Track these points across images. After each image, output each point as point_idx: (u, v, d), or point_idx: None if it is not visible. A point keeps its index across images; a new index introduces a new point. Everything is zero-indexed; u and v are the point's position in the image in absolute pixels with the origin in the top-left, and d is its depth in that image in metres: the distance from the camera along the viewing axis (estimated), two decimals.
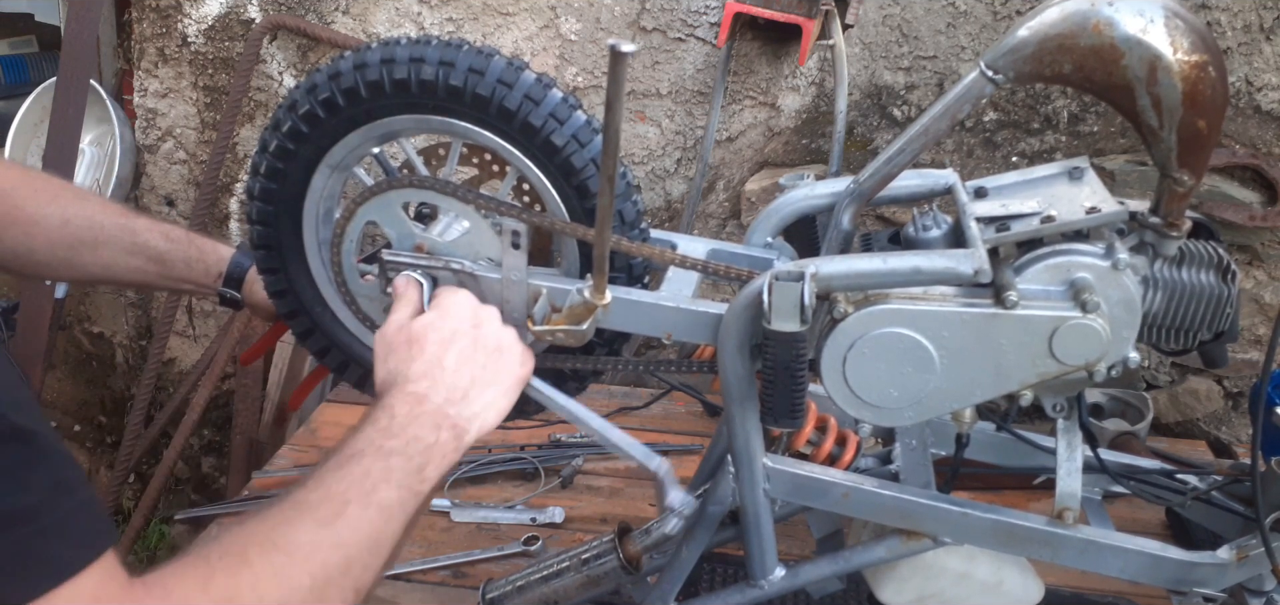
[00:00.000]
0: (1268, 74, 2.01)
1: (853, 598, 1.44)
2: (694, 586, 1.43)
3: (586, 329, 1.11)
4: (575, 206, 1.16)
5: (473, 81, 1.10)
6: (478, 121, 1.13)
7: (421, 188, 1.18)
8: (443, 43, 1.13)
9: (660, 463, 1.15)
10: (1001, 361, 1.05)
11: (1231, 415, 2.25)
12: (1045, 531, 1.14)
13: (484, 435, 1.09)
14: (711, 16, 2.15)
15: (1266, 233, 2.08)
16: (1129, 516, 1.69)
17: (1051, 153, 2.12)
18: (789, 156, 2.24)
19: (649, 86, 2.22)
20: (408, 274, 1.17)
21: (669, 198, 2.31)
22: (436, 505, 1.82)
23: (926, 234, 1.15)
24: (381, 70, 1.12)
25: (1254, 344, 2.19)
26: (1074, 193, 1.11)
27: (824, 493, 1.17)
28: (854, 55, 2.13)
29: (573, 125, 1.12)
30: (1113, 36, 0.97)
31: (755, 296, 1.05)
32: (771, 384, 1.04)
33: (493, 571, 1.62)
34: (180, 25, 2.41)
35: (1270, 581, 1.18)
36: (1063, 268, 1.04)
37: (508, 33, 2.24)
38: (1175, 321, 1.09)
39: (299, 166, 1.20)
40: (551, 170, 1.14)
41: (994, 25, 2.06)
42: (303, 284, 1.28)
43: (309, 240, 1.25)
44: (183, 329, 2.71)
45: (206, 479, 2.85)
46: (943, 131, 1.08)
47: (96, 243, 1.35)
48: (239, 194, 2.50)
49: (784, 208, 1.26)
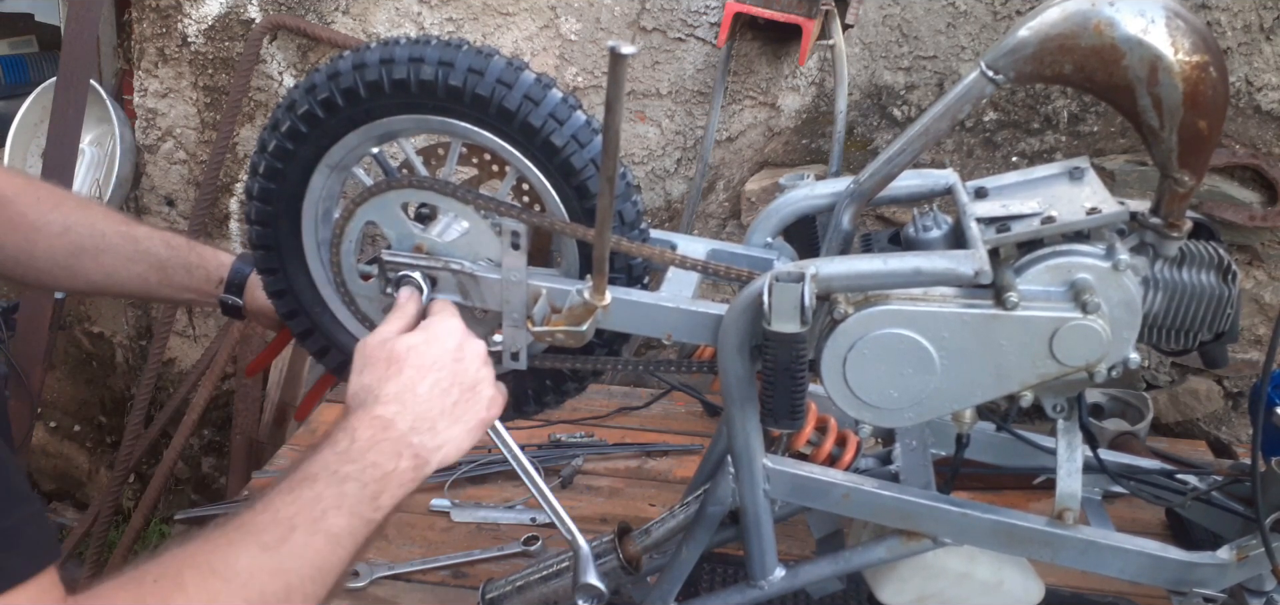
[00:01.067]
0: (1268, 74, 2.01)
1: (853, 598, 1.44)
2: (694, 586, 1.43)
3: (586, 330, 1.11)
4: (575, 207, 1.15)
5: (472, 82, 1.10)
6: (477, 122, 1.13)
7: (420, 188, 1.18)
8: (442, 43, 1.13)
9: (583, 544, 1.16)
10: (1002, 362, 1.05)
11: (1231, 415, 2.25)
12: (1045, 532, 1.13)
13: (444, 466, 1.07)
14: (711, 16, 2.15)
15: (1266, 233, 2.07)
16: (1129, 516, 1.69)
17: (1051, 153, 2.12)
18: (789, 156, 2.24)
19: (649, 86, 2.22)
20: (410, 289, 1.16)
21: (669, 198, 2.31)
22: (436, 505, 1.82)
23: (927, 234, 1.15)
24: (380, 70, 1.12)
25: (1254, 344, 2.19)
26: (1074, 193, 1.11)
27: (824, 493, 1.17)
28: (854, 55, 2.13)
29: (572, 125, 1.12)
30: (1114, 37, 0.97)
31: (755, 297, 1.05)
32: (771, 385, 1.04)
33: (493, 571, 1.62)
34: (180, 25, 2.41)
35: (1270, 582, 1.18)
36: (1063, 268, 1.04)
37: (508, 33, 2.24)
38: (1176, 322, 1.09)
39: (298, 166, 1.20)
40: (551, 171, 1.14)
41: (994, 25, 2.06)
42: (302, 284, 1.28)
43: (308, 241, 1.25)
44: (183, 329, 2.70)
45: (206, 479, 2.85)
46: (943, 131, 1.08)
47: (98, 250, 1.34)
48: (239, 194, 2.50)
49: (784, 208, 1.26)
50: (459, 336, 1.11)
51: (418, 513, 1.82)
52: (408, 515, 1.81)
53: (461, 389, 1.09)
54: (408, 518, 1.80)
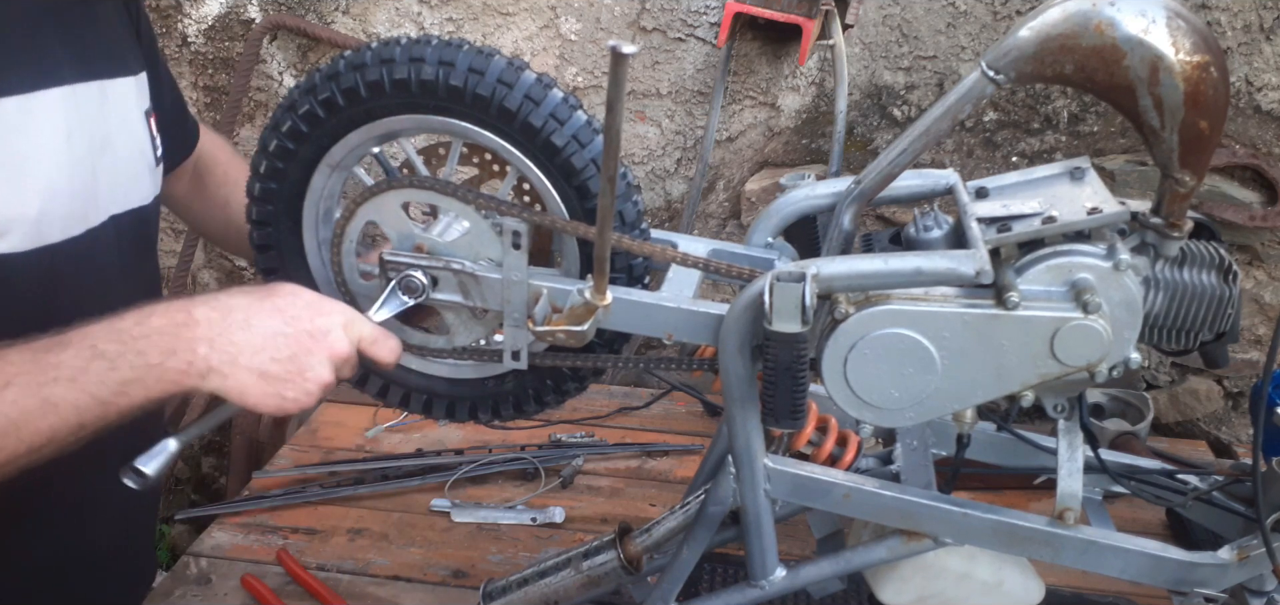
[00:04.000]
0: (1268, 74, 2.01)
1: (853, 598, 1.44)
2: (694, 586, 1.43)
3: (587, 329, 1.11)
4: (576, 207, 1.15)
5: (473, 81, 1.10)
6: (478, 122, 1.13)
7: (421, 188, 1.18)
8: (443, 42, 1.13)
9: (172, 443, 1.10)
10: (1003, 362, 1.05)
11: (1232, 415, 2.25)
12: (1046, 532, 1.13)
13: (216, 394, 1.05)
14: (711, 16, 2.15)
15: (1266, 233, 2.08)
16: (1129, 516, 1.69)
17: (1051, 153, 2.12)
18: (789, 156, 2.24)
19: (649, 86, 2.22)
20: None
21: (669, 198, 2.31)
22: (436, 505, 1.82)
23: (927, 234, 1.15)
24: (381, 70, 1.12)
25: (1254, 344, 2.19)
26: (1075, 193, 1.11)
27: (825, 493, 1.17)
28: (854, 55, 2.13)
29: (573, 125, 1.12)
30: (1114, 37, 0.97)
31: (756, 297, 1.05)
32: (772, 384, 1.04)
33: (493, 571, 1.62)
34: (180, 25, 2.41)
35: (1271, 582, 1.18)
36: (1064, 268, 1.04)
37: (508, 33, 2.24)
38: (1176, 322, 1.09)
39: (299, 166, 1.20)
40: (552, 171, 1.14)
41: (994, 25, 2.06)
42: (302, 284, 1.28)
43: (309, 241, 1.25)
44: None
45: (206, 479, 2.85)
46: (944, 131, 1.08)
47: None
48: None
49: (784, 208, 1.26)
50: (344, 339, 1.09)
51: (418, 513, 1.82)
52: (408, 515, 1.81)
53: (293, 363, 1.06)
54: (408, 518, 1.80)
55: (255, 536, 1.76)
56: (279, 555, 1.68)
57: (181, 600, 1.60)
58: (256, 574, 1.62)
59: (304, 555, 1.70)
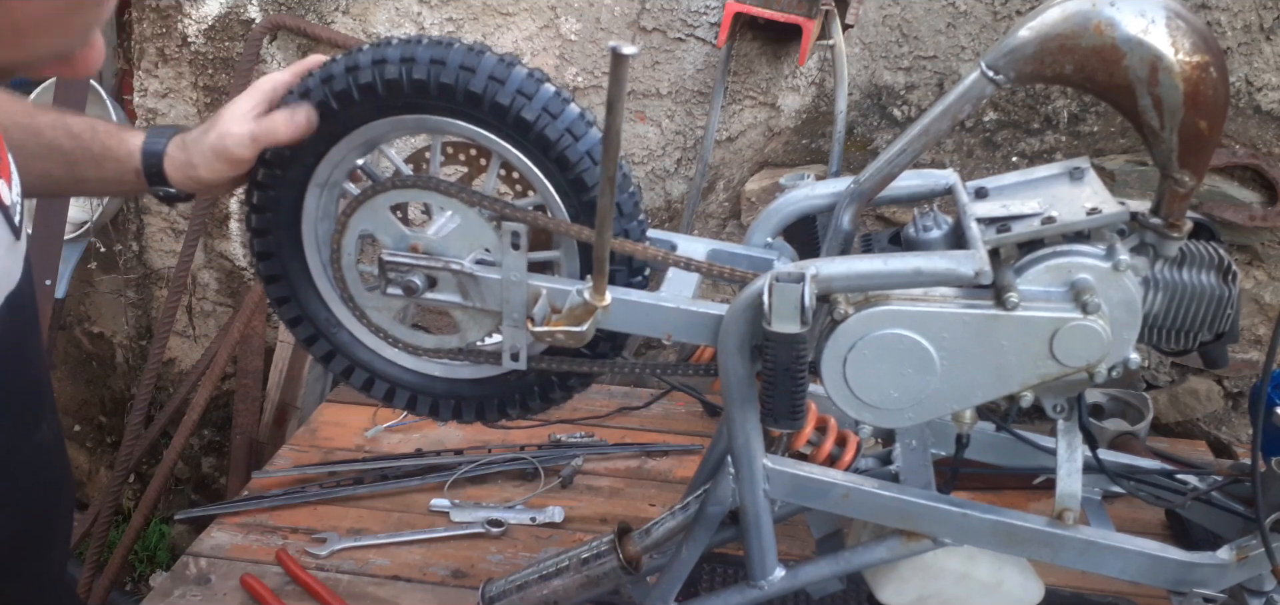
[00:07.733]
0: (1268, 74, 2.01)
1: (853, 598, 1.44)
2: (694, 586, 1.43)
3: (586, 330, 1.11)
4: (573, 202, 1.15)
5: (464, 78, 1.11)
6: (473, 118, 1.13)
7: (407, 188, 1.17)
8: (432, 41, 1.13)
9: None
10: (1002, 362, 1.05)
11: (1231, 415, 2.25)
12: (1045, 532, 1.14)
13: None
14: (711, 16, 2.14)
15: (1266, 233, 2.07)
16: (1129, 517, 1.69)
17: (1051, 153, 2.12)
18: (789, 156, 2.24)
19: (649, 86, 2.22)
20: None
21: (669, 198, 2.31)
22: (436, 505, 1.82)
23: (927, 235, 1.15)
24: (365, 75, 1.13)
25: (1254, 344, 2.19)
26: (1075, 193, 1.11)
27: (824, 493, 1.17)
28: (854, 55, 2.12)
29: (566, 118, 1.13)
30: (1114, 37, 0.97)
31: (755, 297, 1.05)
32: (772, 385, 1.04)
33: (493, 571, 1.62)
34: (180, 25, 2.41)
35: (1270, 582, 1.18)
36: (1064, 269, 1.04)
37: (508, 33, 2.24)
38: (1176, 322, 1.09)
39: (289, 190, 1.21)
40: (548, 166, 1.14)
41: (994, 25, 2.06)
42: (315, 308, 1.29)
43: (312, 260, 1.26)
44: (183, 329, 2.70)
45: (206, 479, 2.85)
46: (943, 132, 1.08)
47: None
48: (238, 193, 2.49)
49: (784, 208, 1.26)
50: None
51: (418, 513, 1.82)
52: (408, 515, 1.81)
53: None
54: (408, 518, 1.80)
55: (255, 536, 1.76)
56: (278, 555, 1.68)
57: (181, 600, 1.60)
58: (256, 574, 1.63)
59: (303, 555, 1.70)
